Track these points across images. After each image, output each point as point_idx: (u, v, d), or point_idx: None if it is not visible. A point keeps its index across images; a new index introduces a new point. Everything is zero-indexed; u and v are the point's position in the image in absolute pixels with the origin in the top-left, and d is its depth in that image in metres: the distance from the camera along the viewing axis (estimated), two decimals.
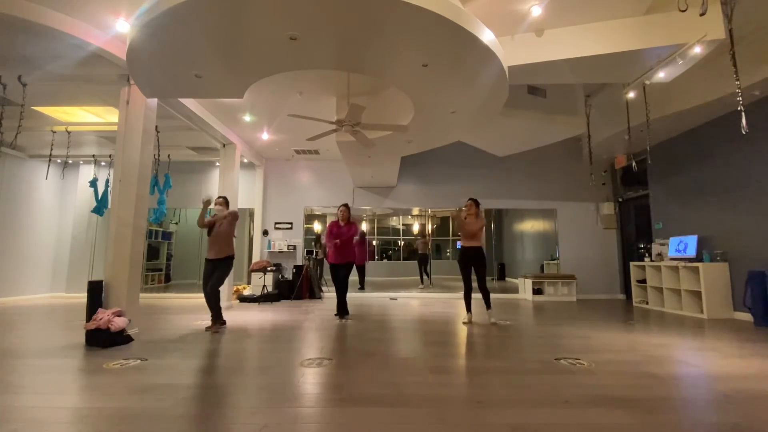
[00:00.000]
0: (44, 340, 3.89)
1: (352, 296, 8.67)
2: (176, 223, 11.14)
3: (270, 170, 8.72)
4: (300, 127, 6.06)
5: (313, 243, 8.67)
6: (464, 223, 4.94)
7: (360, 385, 2.55)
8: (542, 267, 9.02)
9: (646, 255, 6.93)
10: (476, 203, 4.99)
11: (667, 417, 2.01)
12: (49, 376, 2.73)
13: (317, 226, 14.98)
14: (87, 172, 8.19)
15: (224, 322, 4.56)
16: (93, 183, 6.77)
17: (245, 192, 8.31)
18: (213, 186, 8.45)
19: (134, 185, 4.25)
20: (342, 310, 5.33)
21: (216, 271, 4.51)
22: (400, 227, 15.50)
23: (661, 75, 4.47)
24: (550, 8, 3.96)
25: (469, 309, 4.95)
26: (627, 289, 7.74)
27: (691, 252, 5.87)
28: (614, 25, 4.09)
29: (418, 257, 10.37)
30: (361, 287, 9.21)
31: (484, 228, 4.90)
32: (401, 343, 3.81)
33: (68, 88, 4.89)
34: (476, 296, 4.98)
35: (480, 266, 4.89)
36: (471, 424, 1.92)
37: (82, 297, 4.15)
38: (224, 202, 4.70)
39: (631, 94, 5.21)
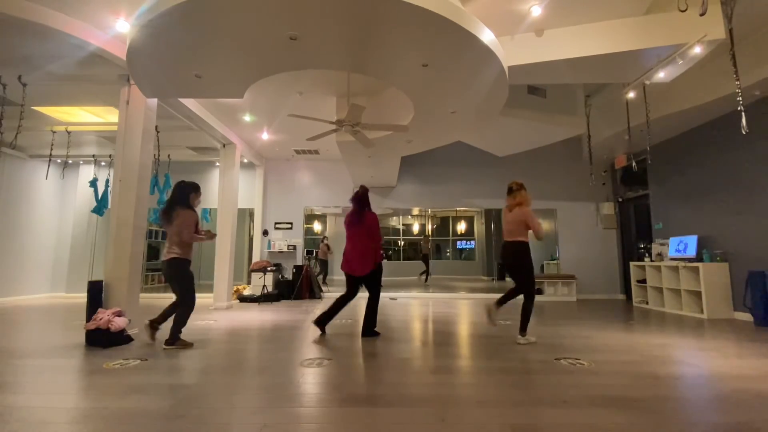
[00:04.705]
0: (44, 340, 3.89)
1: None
2: None
3: (270, 170, 8.72)
4: (300, 127, 6.06)
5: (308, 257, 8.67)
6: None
7: (360, 385, 2.55)
8: (542, 267, 9.02)
9: (646, 255, 6.93)
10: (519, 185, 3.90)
11: (667, 417, 2.01)
12: (49, 376, 2.73)
13: (317, 226, 15.01)
14: (87, 172, 8.19)
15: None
16: (93, 183, 6.77)
17: (245, 192, 8.31)
18: (213, 186, 8.45)
19: (134, 185, 4.25)
20: (322, 320, 4.08)
21: None
22: (400, 227, 15.52)
23: (661, 75, 4.47)
24: (550, 8, 3.96)
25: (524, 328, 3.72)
26: (627, 289, 7.74)
27: (691, 252, 5.87)
28: (614, 25, 4.09)
29: (422, 256, 12.13)
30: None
31: (529, 215, 3.64)
32: (401, 343, 3.80)
33: (68, 88, 4.89)
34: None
35: (513, 268, 3.76)
36: (471, 424, 1.92)
37: (82, 297, 4.14)
38: None
39: (631, 94, 5.20)
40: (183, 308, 3.57)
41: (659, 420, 1.96)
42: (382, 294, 4.20)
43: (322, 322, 4.09)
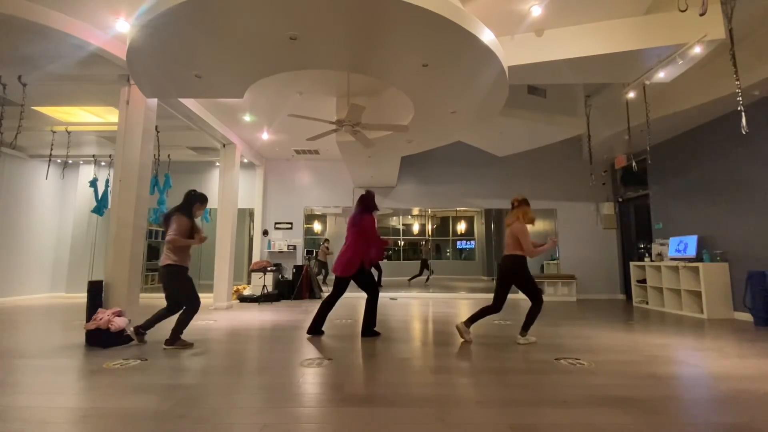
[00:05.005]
0: (44, 340, 3.89)
1: (351, 295, 8.63)
2: None
3: (270, 170, 8.72)
4: (300, 127, 6.06)
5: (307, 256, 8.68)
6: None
7: (360, 385, 2.55)
8: (542, 267, 9.02)
9: (646, 255, 6.93)
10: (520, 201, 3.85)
11: (667, 417, 2.01)
12: (49, 376, 2.73)
13: (317, 226, 15.00)
14: (87, 172, 8.19)
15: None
16: (93, 183, 6.77)
17: (245, 192, 8.31)
18: (213, 186, 8.45)
19: (134, 185, 4.25)
20: (314, 328, 4.15)
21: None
22: (400, 227, 15.51)
23: (661, 75, 4.47)
24: (550, 8, 3.96)
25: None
26: (627, 289, 7.74)
27: (691, 252, 5.87)
28: (614, 25, 4.09)
29: (422, 260, 11.92)
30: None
31: (521, 231, 3.66)
32: (401, 343, 3.80)
33: (68, 88, 4.89)
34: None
35: (508, 280, 3.79)
36: (471, 424, 1.92)
37: (82, 297, 4.14)
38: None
39: (631, 94, 5.20)
40: (187, 311, 3.59)
41: (659, 420, 1.96)
42: (382, 294, 4.19)
43: (314, 329, 4.13)
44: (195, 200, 3.73)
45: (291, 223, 8.60)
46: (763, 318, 4.77)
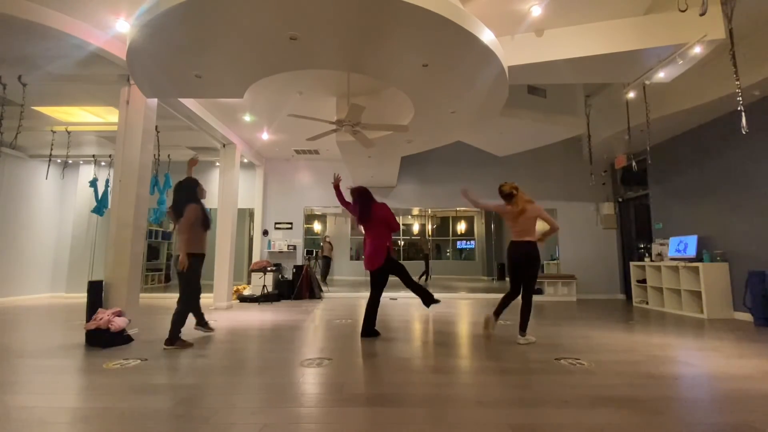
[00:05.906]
0: (44, 340, 3.89)
1: (351, 295, 8.72)
2: None
3: (270, 170, 8.72)
4: (300, 127, 6.06)
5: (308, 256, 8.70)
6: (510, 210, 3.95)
7: (360, 385, 2.55)
8: (542, 267, 9.03)
9: (646, 255, 6.92)
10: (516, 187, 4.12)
11: (667, 417, 2.01)
12: (49, 376, 2.73)
13: (317, 226, 14.99)
14: (87, 172, 8.18)
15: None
16: (93, 183, 6.77)
17: (245, 192, 8.31)
18: (213, 186, 8.44)
19: (134, 185, 4.25)
20: (367, 330, 4.02)
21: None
22: (400, 227, 15.53)
23: (661, 75, 4.47)
24: (550, 8, 3.96)
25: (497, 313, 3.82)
26: (627, 289, 7.73)
27: (691, 252, 5.87)
28: (614, 25, 4.09)
29: (423, 256, 12.53)
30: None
31: (542, 211, 3.77)
32: (401, 343, 3.80)
33: (68, 88, 4.89)
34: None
35: (526, 269, 3.74)
36: (471, 424, 1.92)
37: (82, 297, 4.15)
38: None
39: (631, 94, 5.20)
40: (180, 308, 3.60)
41: (659, 420, 1.97)
42: (382, 294, 4.17)
43: (367, 332, 4.00)
44: (194, 184, 3.86)
45: (291, 223, 8.60)
46: (763, 318, 4.77)
